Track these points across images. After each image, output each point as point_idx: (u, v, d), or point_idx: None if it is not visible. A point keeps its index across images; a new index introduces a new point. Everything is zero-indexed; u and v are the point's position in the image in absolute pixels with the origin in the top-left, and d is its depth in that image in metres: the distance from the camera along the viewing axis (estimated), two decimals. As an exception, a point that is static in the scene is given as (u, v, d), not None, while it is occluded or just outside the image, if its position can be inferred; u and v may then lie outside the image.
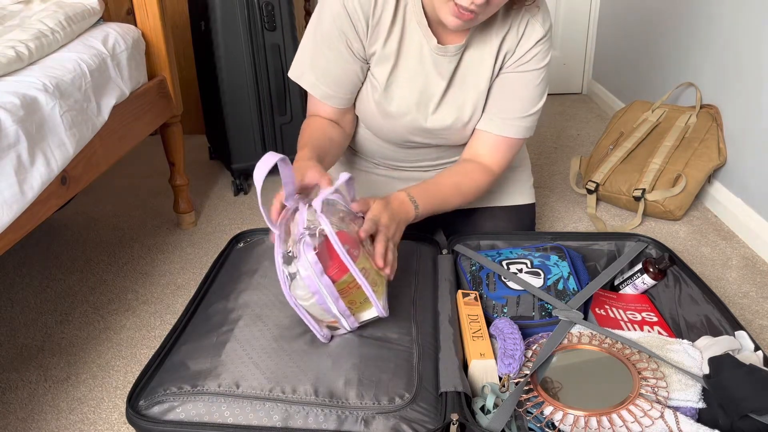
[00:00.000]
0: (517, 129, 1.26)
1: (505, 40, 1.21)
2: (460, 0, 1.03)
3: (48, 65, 1.19)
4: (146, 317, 1.39)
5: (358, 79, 1.23)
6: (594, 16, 2.83)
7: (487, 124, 1.27)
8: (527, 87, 1.24)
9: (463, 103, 1.25)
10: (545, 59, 1.24)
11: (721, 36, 1.81)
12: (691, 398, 0.88)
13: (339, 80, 1.22)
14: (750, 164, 1.65)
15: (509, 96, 1.25)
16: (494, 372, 0.95)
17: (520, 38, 1.21)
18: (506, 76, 1.24)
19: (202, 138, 2.49)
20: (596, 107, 2.78)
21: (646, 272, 1.20)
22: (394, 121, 1.26)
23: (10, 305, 1.45)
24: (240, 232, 1.32)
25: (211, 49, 1.87)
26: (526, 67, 1.23)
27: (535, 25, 1.20)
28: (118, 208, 1.91)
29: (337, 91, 1.23)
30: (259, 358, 0.89)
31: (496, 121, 1.26)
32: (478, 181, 1.25)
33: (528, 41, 1.21)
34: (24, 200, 1.00)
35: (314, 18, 1.20)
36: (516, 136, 1.27)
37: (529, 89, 1.25)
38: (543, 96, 1.27)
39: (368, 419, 0.82)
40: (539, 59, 1.22)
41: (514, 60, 1.22)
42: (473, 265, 1.23)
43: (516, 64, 1.23)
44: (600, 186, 1.83)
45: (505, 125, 1.26)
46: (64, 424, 1.10)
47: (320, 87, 1.22)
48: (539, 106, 1.27)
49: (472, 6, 1.02)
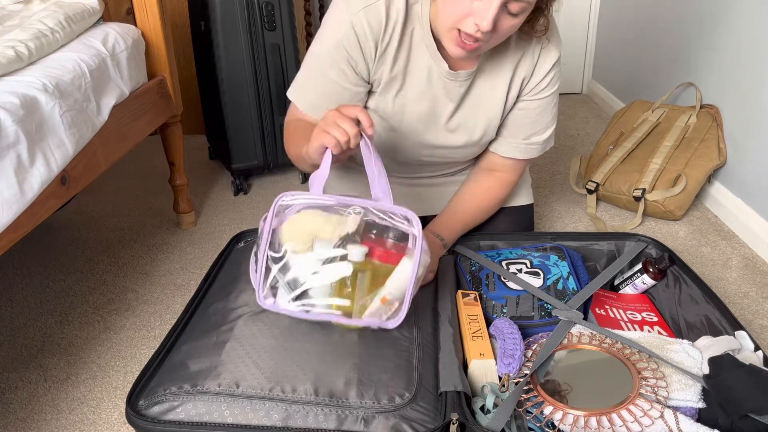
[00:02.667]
0: (537, 150, 1.31)
1: (520, 65, 1.20)
2: (465, 27, 1.00)
3: (48, 65, 1.19)
4: (146, 317, 1.39)
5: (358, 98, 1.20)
6: (594, 16, 2.83)
7: (510, 150, 1.30)
8: (546, 110, 1.26)
9: (474, 125, 1.25)
10: (559, 81, 1.26)
11: (721, 36, 1.81)
12: (691, 398, 0.88)
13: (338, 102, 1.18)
14: (750, 164, 1.65)
15: (530, 121, 1.27)
16: (494, 372, 0.95)
17: (536, 63, 1.20)
18: (526, 103, 1.25)
19: (202, 138, 2.49)
20: (596, 107, 2.78)
21: (646, 272, 1.20)
22: (403, 139, 1.25)
23: (10, 305, 1.45)
24: (240, 232, 1.32)
25: (211, 48, 1.87)
26: (544, 93, 1.24)
27: (549, 48, 1.20)
28: (118, 208, 1.91)
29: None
30: (259, 357, 0.89)
31: (520, 147, 1.29)
32: (499, 196, 1.34)
33: (544, 66, 1.21)
34: (24, 200, 1.00)
35: (318, 38, 1.17)
36: (535, 156, 1.32)
37: (547, 112, 1.27)
38: (557, 113, 1.30)
39: (368, 419, 0.82)
40: (554, 83, 1.24)
41: (531, 86, 1.23)
42: (473, 265, 1.23)
43: (534, 90, 1.23)
44: (600, 186, 1.83)
45: (528, 149, 1.30)
46: (64, 424, 1.10)
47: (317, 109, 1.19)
48: (555, 124, 1.31)
49: (477, 34, 1.00)
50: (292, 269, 0.91)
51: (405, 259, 0.91)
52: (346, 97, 1.17)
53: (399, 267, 0.91)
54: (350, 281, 0.90)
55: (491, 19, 0.97)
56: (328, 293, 0.92)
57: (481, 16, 0.97)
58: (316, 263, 0.90)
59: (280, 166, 2.06)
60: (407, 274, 0.90)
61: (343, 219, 0.92)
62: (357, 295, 0.91)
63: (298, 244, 0.92)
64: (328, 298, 0.92)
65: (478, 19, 0.98)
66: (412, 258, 0.90)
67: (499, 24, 1.00)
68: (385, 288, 0.91)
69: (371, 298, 0.91)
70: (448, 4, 1.02)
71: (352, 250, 0.90)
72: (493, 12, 0.96)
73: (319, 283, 0.91)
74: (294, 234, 0.92)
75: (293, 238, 0.92)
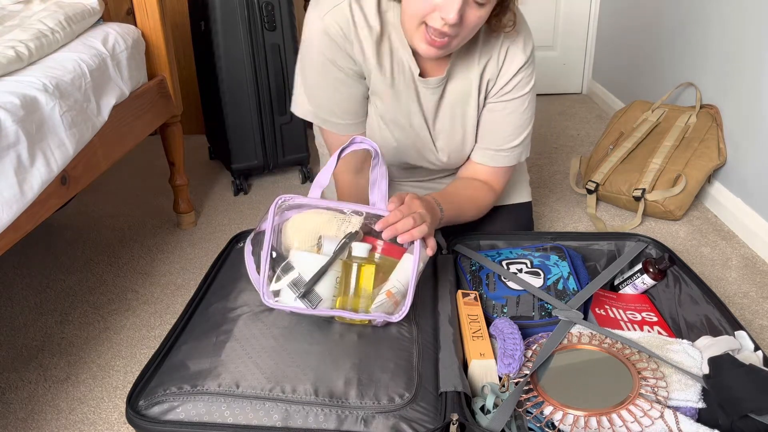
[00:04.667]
0: (509, 158, 1.26)
1: (486, 69, 1.18)
2: (431, 22, 0.99)
3: (48, 65, 1.19)
4: (146, 317, 1.39)
5: (364, 97, 1.21)
6: (594, 16, 2.83)
7: (481, 157, 1.27)
8: (513, 115, 1.22)
9: (453, 133, 1.24)
10: (528, 84, 1.21)
11: (721, 36, 1.81)
12: (691, 398, 0.88)
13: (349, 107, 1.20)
14: (750, 164, 1.65)
15: (497, 126, 1.23)
16: (494, 372, 0.95)
17: (501, 66, 1.18)
18: (492, 106, 1.22)
19: (202, 138, 2.49)
20: (596, 107, 2.78)
21: (646, 272, 1.20)
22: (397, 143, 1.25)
23: (10, 305, 1.45)
24: (240, 232, 1.32)
25: (211, 49, 1.87)
26: (510, 95, 1.20)
27: (515, 52, 1.17)
28: (118, 208, 1.91)
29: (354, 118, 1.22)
30: (259, 357, 0.89)
31: (488, 153, 1.26)
32: (487, 198, 1.29)
33: (509, 69, 1.18)
34: (24, 200, 1.00)
35: (302, 56, 1.18)
36: (509, 165, 1.27)
37: (514, 117, 1.23)
38: (531, 121, 1.26)
39: (368, 419, 0.82)
40: (522, 86, 1.20)
41: (497, 89, 1.20)
42: (473, 265, 1.23)
43: (499, 93, 1.20)
44: (600, 186, 1.83)
45: (497, 157, 1.26)
46: (64, 424, 1.10)
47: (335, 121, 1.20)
48: (528, 131, 1.26)
49: (445, 28, 0.99)
50: (297, 267, 0.92)
51: (407, 255, 0.95)
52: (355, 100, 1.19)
53: (402, 261, 0.94)
54: (355, 277, 0.92)
55: (457, 11, 0.96)
56: (333, 289, 0.94)
57: (446, 10, 0.97)
58: (322, 260, 0.92)
59: (280, 166, 2.06)
60: (410, 267, 0.93)
61: (347, 218, 0.94)
62: (362, 291, 0.92)
63: (304, 242, 0.94)
64: (333, 294, 0.94)
65: (444, 12, 0.97)
66: (413, 253, 0.93)
67: (465, 16, 0.99)
68: (390, 282, 0.93)
69: (376, 292, 0.93)
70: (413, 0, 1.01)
71: (356, 247, 0.92)
72: (458, 4, 0.96)
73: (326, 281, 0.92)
74: (300, 231, 0.94)
75: (299, 235, 0.94)
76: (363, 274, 0.92)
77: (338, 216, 0.95)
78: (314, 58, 1.15)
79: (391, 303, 0.93)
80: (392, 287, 0.93)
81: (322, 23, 1.11)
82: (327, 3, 1.11)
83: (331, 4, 1.10)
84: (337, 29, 1.10)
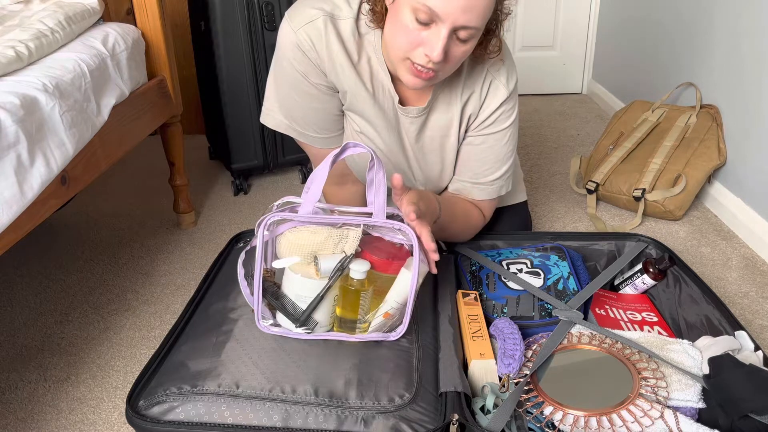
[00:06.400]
0: (489, 191, 1.24)
1: (468, 103, 1.17)
2: (415, 58, 0.98)
3: (48, 65, 1.19)
4: (146, 317, 1.39)
5: (339, 112, 1.19)
6: (594, 16, 2.83)
7: (461, 190, 1.25)
8: (494, 148, 1.20)
9: (431, 166, 1.23)
10: (510, 119, 1.19)
11: (721, 36, 1.81)
12: (691, 398, 0.88)
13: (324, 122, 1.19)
14: (750, 164, 1.65)
15: (477, 159, 1.21)
16: (494, 372, 0.95)
17: (483, 101, 1.17)
18: (471, 139, 1.20)
19: (202, 138, 2.49)
20: (596, 107, 2.78)
21: (646, 272, 1.20)
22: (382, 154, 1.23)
23: (10, 305, 1.45)
24: (240, 232, 1.32)
25: (211, 48, 1.87)
26: (490, 129, 1.19)
27: (498, 86, 1.16)
28: (118, 208, 1.91)
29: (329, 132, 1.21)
30: (258, 358, 0.89)
31: (467, 186, 1.24)
32: (478, 218, 1.26)
33: (491, 103, 1.16)
34: (24, 200, 1.00)
35: (274, 67, 1.16)
36: (489, 198, 1.25)
37: (495, 150, 1.21)
38: (512, 155, 1.24)
39: (368, 419, 0.82)
40: (503, 120, 1.18)
41: (478, 123, 1.18)
42: (473, 265, 1.23)
43: (480, 126, 1.19)
44: (600, 186, 1.83)
45: (475, 190, 1.23)
46: (64, 424, 1.10)
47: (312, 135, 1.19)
48: (508, 165, 1.24)
49: (429, 65, 0.98)
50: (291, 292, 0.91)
51: (404, 270, 0.90)
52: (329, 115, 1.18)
53: (399, 279, 0.90)
54: (353, 301, 0.90)
55: (441, 49, 0.94)
56: (330, 313, 0.92)
57: (431, 47, 0.95)
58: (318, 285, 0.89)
59: (280, 166, 2.06)
60: (407, 285, 0.89)
61: (344, 234, 0.90)
62: (360, 314, 0.91)
63: (299, 265, 0.90)
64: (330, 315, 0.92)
65: (428, 49, 0.96)
66: (410, 269, 0.89)
67: (450, 52, 0.97)
68: (387, 303, 0.90)
69: (374, 315, 0.91)
70: (398, 35, 0.98)
71: (354, 267, 0.89)
72: (442, 42, 0.94)
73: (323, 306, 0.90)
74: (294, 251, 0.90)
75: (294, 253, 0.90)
76: (360, 299, 0.90)
77: (334, 233, 0.90)
78: (287, 71, 1.13)
79: (389, 323, 0.92)
80: (390, 308, 0.90)
81: (295, 36, 1.08)
82: (301, 16, 1.08)
83: (305, 19, 1.08)
84: (310, 45, 1.08)
